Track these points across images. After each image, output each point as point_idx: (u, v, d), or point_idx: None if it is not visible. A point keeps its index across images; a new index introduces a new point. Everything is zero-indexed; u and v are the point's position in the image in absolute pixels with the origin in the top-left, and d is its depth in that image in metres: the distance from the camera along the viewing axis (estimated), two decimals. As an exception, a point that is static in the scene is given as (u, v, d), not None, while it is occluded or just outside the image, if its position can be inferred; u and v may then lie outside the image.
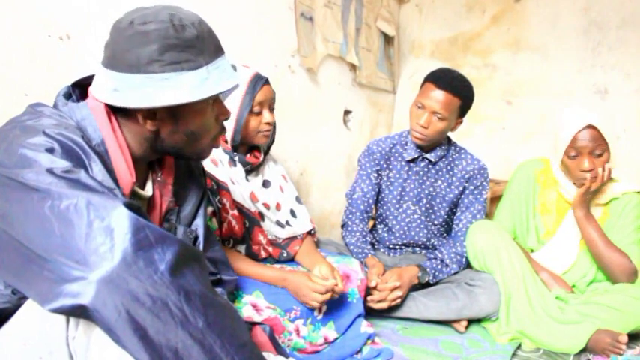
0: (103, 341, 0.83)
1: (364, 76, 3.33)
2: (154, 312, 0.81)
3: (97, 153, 0.97)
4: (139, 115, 1.03)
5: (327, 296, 1.66)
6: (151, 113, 1.04)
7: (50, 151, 0.89)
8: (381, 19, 3.49)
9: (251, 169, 1.86)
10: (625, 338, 1.83)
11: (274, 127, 1.88)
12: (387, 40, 3.66)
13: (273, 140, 1.96)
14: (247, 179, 1.83)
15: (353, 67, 3.22)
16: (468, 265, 2.22)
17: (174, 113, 1.06)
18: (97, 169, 0.94)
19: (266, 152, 1.95)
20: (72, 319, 0.85)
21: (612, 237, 2.05)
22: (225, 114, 1.18)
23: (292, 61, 2.63)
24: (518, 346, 1.97)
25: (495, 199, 2.95)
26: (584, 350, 1.90)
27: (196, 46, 1.01)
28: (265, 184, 1.92)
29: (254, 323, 1.61)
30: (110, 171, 0.98)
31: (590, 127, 1.98)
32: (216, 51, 1.07)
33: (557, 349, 1.92)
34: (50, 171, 0.86)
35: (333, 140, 3.15)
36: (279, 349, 1.61)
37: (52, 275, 0.81)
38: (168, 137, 1.09)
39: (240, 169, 1.80)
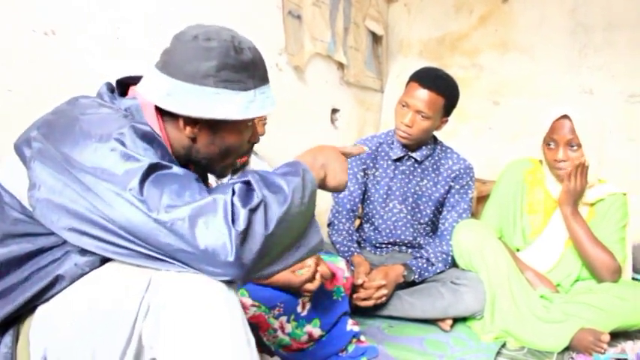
0: (182, 305, 0.88)
1: (352, 75, 3.34)
2: None
3: None
4: (181, 120, 1.08)
5: (317, 284, 1.67)
6: (192, 121, 1.08)
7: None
8: (370, 19, 3.50)
9: (237, 168, 1.85)
10: (607, 337, 1.84)
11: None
12: (376, 39, 3.66)
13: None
14: (232, 178, 1.83)
15: (341, 65, 3.22)
16: (454, 264, 2.23)
17: (214, 126, 1.11)
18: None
19: (250, 149, 1.94)
20: (153, 284, 0.89)
21: (597, 236, 2.06)
22: (255, 137, 1.29)
23: (280, 60, 2.63)
24: (503, 345, 1.98)
25: (481, 199, 2.97)
26: (567, 349, 1.92)
27: (249, 69, 1.09)
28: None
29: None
30: None
31: (567, 117, 2.03)
32: (264, 78, 1.14)
33: (542, 347, 1.94)
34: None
35: (321, 139, 3.14)
36: (263, 348, 1.61)
37: None
38: (204, 148, 1.14)
39: (225, 169, 1.80)
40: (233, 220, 0.86)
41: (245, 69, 1.08)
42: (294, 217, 0.95)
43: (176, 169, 0.93)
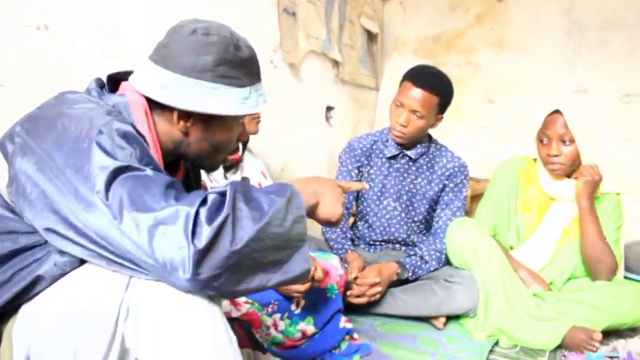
0: (161, 305, 0.86)
1: (347, 73, 3.33)
2: None
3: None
4: (175, 113, 1.08)
5: (307, 285, 1.66)
6: (186, 115, 1.08)
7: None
8: (365, 16, 3.49)
9: (230, 166, 1.85)
10: (599, 335, 1.85)
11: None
12: (371, 37, 3.66)
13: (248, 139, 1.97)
14: (226, 177, 1.83)
15: (336, 63, 3.22)
16: (448, 262, 2.23)
17: (207, 121, 1.11)
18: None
19: (244, 147, 1.94)
20: (132, 284, 0.88)
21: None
22: (245, 135, 1.26)
23: (275, 57, 2.62)
24: (496, 343, 1.99)
25: (476, 197, 2.97)
26: (559, 347, 1.93)
27: (246, 66, 1.09)
28: (244, 181, 1.92)
29: (232, 319, 1.61)
30: None
31: (558, 112, 2.04)
32: (258, 76, 1.15)
33: (534, 345, 1.94)
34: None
35: (315, 136, 3.15)
36: (256, 345, 1.61)
37: None
38: (195, 143, 1.13)
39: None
40: (193, 235, 0.81)
41: (242, 66, 1.08)
42: (272, 237, 0.89)
43: (148, 172, 0.89)
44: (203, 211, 0.84)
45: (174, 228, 0.82)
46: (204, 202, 0.86)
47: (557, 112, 2.06)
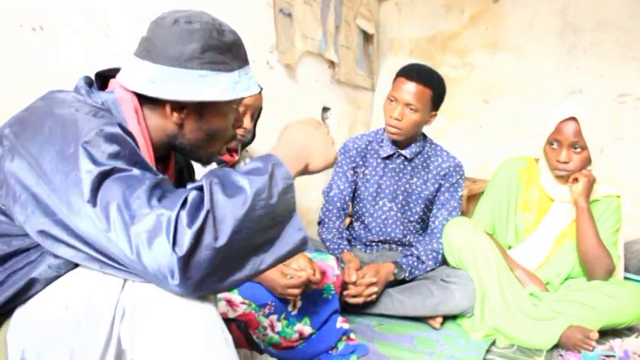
0: (157, 306, 0.85)
1: (343, 74, 3.33)
2: None
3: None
4: (168, 106, 1.07)
5: (301, 290, 1.65)
6: (179, 106, 1.07)
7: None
8: (361, 17, 3.50)
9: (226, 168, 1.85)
10: (595, 335, 1.85)
11: (254, 126, 1.92)
12: (367, 37, 3.66)
13: (253, 138, 1.96)
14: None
15: (332, 64, 3.22)
16: (444, 262, 2.23)
17: (200, 110, 1.10)
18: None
19: (242, 149, 1.94)
20: (128, 285, 0.87)
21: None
22: (241, 121, 1.24)
23: (270, 57, 2.62)
24: (493, 343, 1.99)
25: (472, 197, 2.98)
26: (556, 346, 1.93)
27: (232, 50, 1.09)
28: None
29: (229, 320, 1.61)
30: None
31: (574, 119, 2.02)
32: (245, 59, 1.14)
33: (531, 345, 1.95)
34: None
35: (311, 137, 3.14)
36: (253, 346, 1.61)
37: None
38: (190, 133, 1.12)
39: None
40: (175, 242, 0.80)
41: (228, 50, 1.07)
42: (258, 220, 0.87)
43: (135, 172, 0.88)
44: (183, 214, 0.83)
45: (158, 235, 0.81)
46: (185, 202, 0.85)
47: (572, 118, 2.03)
